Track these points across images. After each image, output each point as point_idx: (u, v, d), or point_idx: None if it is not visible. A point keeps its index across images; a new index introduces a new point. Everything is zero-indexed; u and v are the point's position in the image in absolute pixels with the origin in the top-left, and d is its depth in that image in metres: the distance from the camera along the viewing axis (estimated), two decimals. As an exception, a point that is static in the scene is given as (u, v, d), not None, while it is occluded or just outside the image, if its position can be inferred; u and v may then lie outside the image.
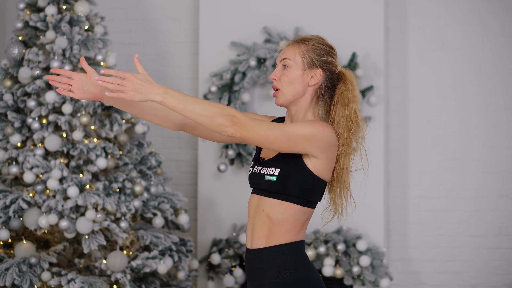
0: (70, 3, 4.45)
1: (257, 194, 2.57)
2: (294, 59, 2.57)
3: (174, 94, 2.35)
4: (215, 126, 2.36)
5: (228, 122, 2.36)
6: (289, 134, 2.43)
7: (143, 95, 2.34)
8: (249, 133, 2.39)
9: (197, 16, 5.39)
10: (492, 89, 5.23)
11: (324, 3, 5.09)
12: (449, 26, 5.28)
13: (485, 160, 5.21)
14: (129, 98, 2.33)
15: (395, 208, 5.26)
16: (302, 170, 2.49)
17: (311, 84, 2.57)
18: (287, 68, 2.57)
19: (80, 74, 2.57)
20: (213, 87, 5.03)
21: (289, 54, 2.58)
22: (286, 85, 2.56)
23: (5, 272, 4.00)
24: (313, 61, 2.56)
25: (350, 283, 4.87)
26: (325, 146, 2.48)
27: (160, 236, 4.37)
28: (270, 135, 2.41)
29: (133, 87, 2.33)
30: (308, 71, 2.56)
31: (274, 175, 2.50)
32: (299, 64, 2.56)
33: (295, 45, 2.59)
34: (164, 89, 2.34)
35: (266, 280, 2.52)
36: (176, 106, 2.35)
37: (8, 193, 4.17)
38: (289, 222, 2.51)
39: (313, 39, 2.60)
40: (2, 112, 4.38)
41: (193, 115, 2.35)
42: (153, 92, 2.34)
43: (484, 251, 5.20)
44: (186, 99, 2.35)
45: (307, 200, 2.52)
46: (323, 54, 2.58)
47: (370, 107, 5.02)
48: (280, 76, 2.57)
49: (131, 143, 4.54)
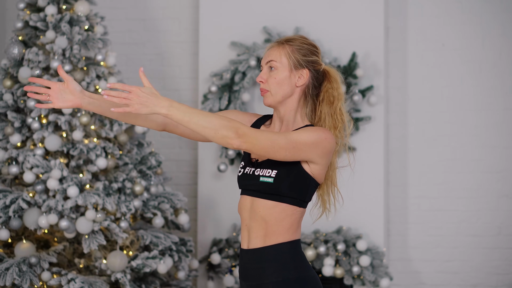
0: (70, 3, 4.45)
1: (249, 196, 2.57)
2: (280, 61, 2.58)
3: (180, 107, 2.36)
4: (220, 138, 2.38)
5: (233, 134, 2.38)
6: (293, 142, 2.45)
7: (149, 108, 2.35)
8: (255, 144, 2.40)
9: (197, 16, 5.39)
10: (491, 89, 5.23)
11: (324, 3, 5.09)
12: (448, 26, 5.28)
13: (485, 160, 5.21)
14: (134, 112, 2.35)
15: (395, 208, 5.26)
16: (299, 172, 2.51)
17: (299, 85, 2.59)
18: (274, 70, 2.58)
19: (58, 83, 2.58)
20: (213, 87, 5.03)
21: (275, 55, 2.59)
22: (274, 86, 2.58)
23: (5, 272, 4.00)
24: (299, 61, 2.58)
25: (350, 283, 4.87)
26: (327, 153, 2.51)
27: (160, 236, 4.37)
28: (276, 145, 2.43)
29: (139, 101, 2.34)
30: (295, 71, 2.58)
31: (271, 177, 2.51)
32: (286, 65, 2.58)
33: (280, 47, 2.60)
34: (170, 102, 2.36)
35: (266, 279, 2.53)
36: (181, 119, 2.36)
37: (8, 193, 4.17)
38: (286, 222, 2.53)
39: (297, 39, 2.61)
40: (2, 112, 4.38)
41: (198, 127, 2.37)
42: (158, 105, 2.35)
43: (484, 251, 5.20)
44: (191, 112, 2.37)
45: (302, 200, 2.54)
46: (308, 53, 2.60)
47: (370, 107, 5.02)
48: (267, 78, 2.59)
49: (131, 143, 4.54)
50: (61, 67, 2.54)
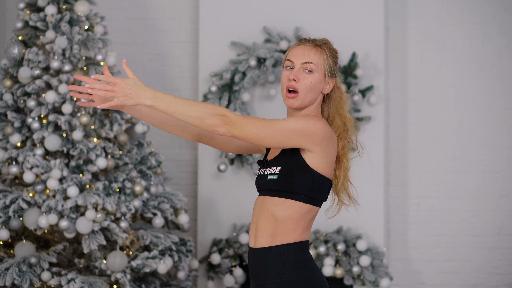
0: (70, 3, 4.45)
1: (262, 195, 2.58)
2: (318, 65, 2.54)
3: (164, 97, 2.36)
4: (206, 126, 2.38)
5: (219, 121, 2.38)
6: (280, 129, 2.44)
7: (133, 100, 2.35)
8: (240, 131, 2.40)
9: (197, 16, 5.39)
10: (492, 89, 5.23)
11: (324, 3, 5.09)
12: (449, 26, 5.28)
13: (485, 160, 5.21)
14: (120, 103, 2.35)
15: (395, 208, 5.26)
16: (300, 165, 2.49)
17: (325, 92, 2.58)
18: (311, 73, 2.54)
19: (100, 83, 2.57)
20: (213, 87, 5.03)
21: (314, 58, 2.54)
22: (306, 90, 2.54)
23: (5, 272, 4.00)
24: (332, 69, 2.57)
25: (350, 283, 4.87)
26: (319, 139, 2.48)
27: (160, 236, 4.37)
28: (261, 132, 2.42)
29: (123, 92, 2.35)
30: (328, 79, 2.57)
31: (275, 174, 2.51)
32: (322, 71, 2.55)
33: (318, 50, 2.56)
34: (154, 92, 2.36)
35: (269, 279, 2.53)
36: (166, 109, 2.36)
37: (8, 193, 4.17)
38: (293, 220, 2.52)
39: (327, 44, 2.59)
40: (2, 112, 4.38)
41: (184, 117, 2.37)
42: (143, 96, 2.35)
43: (484, 251, 5.20)
44: (176, 101, 2.36)
45: (309, 196, 2.51)
46: (336, 61, 2.60)
47: (370, 107, 5.02)
48: (301, 79, 2.54)
49: (131, 143, 4.54)
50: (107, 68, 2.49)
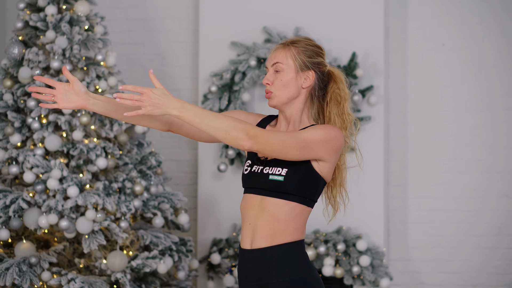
0: (70, 3, 4.46)
1: (257, 194, 2.57)
2: (286, 63, 2.59)
3: (191, 108, 2.39)
4: (231, 139, 2.40)
5: (244, 135, 2.39)
6: (304, 141, 2.47)
7: (161, 110, 2.37)
8: (266, 145, 2.42)
9: (197, 16, 5.39)
10: (492, 89, 5.23)
11: (324, 3, 5.09)
12: (449, 26, 5.28)
13: (485, 159, 5.21)
14: (147, 113, 2.37)
15: (395, 208, 5.26)
16: (309, 171, 2.51)
17: (305, 86, 2.60)
18: (280, 72, 2.59)
19: (63, 84, 2.58)
20: (213, 87, 5.03)
21: (280, 57, 2.60)
22: (279, 88, 2.59)
23: (5, 272, 4.00)
24: (305, 63, 2.59)
25: (350, 283, 4.87)
26: (336, 150, 2.53)
27: (160, 236, 4.37)
28: (287, 145, 2.45)
29: (151, 102, 2.37)
30: (301, 73, 2.59)
31: (281, 175, 2.51)
32: (292, 67, 2.59)
33: (285, 48, 2.61)
34: (181, 103, 2.39)
35: (272, 279, 2.52)
36: (192, 120, 2.39)
37: (8, 193, 4.17)
38: (296, 221, 2.53)
39: (302, 41, 2.63)
40: (2, 112, 4.38)
41: (210, 128, 2.39)
42: (170, 106, 2.38)
43: (484, 251, 5.20)
44: (202, 113, 2.39)
45: (311, 200, 2.55)
46: (313, 55, 2.61)
47: (370, 107, 5.02)
48: (273, 80, 2.60)
49: (131, 143, 4.54)
50: (66, 68, 2.55)
